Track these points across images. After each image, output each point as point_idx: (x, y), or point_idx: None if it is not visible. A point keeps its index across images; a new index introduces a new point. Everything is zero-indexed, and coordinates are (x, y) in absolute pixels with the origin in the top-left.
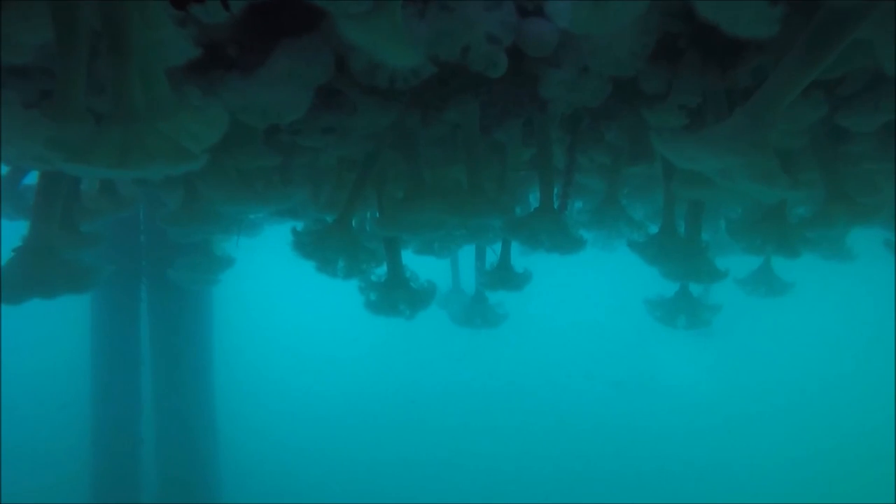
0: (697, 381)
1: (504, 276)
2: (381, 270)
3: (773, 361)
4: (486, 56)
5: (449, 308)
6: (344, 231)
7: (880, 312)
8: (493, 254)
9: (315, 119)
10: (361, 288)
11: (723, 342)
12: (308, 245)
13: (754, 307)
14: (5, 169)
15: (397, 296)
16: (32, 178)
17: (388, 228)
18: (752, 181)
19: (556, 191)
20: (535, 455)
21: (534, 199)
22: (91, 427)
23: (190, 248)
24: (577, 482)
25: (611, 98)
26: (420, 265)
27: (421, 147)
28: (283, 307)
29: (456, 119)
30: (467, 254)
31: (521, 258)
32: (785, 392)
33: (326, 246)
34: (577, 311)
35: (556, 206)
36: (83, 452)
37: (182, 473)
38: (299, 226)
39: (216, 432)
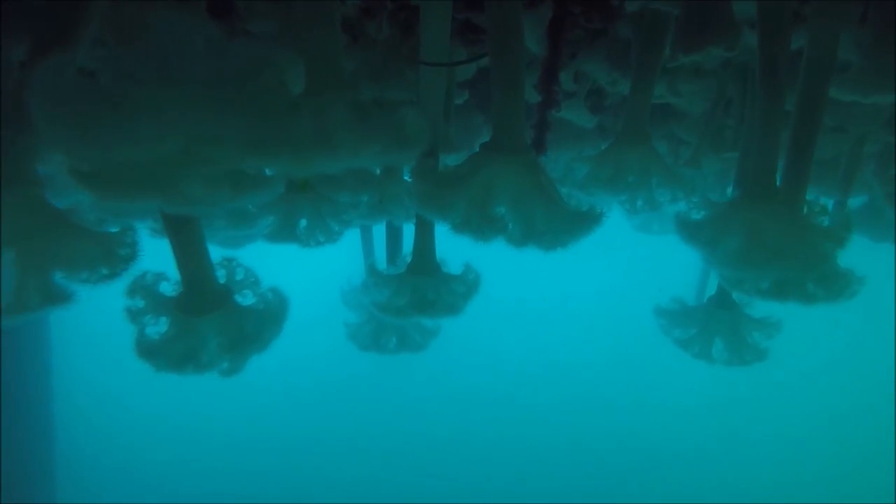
0: (692, 379)
1: (421, 295)
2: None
3: (772, 357)
4: None
5: (354, 314)
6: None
7: (882, 307)
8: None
9: None
10: (129, 312)
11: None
12: None
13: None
14: None
15: (201, 328)
16: None
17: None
18: None
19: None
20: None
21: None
22: None
23: None
24: (563, 476)
25: None
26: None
27: None
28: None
29: None
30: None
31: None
32: (785, 387)
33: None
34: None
35: (528, 144)
36: None
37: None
38: None
39: (52, 430)
